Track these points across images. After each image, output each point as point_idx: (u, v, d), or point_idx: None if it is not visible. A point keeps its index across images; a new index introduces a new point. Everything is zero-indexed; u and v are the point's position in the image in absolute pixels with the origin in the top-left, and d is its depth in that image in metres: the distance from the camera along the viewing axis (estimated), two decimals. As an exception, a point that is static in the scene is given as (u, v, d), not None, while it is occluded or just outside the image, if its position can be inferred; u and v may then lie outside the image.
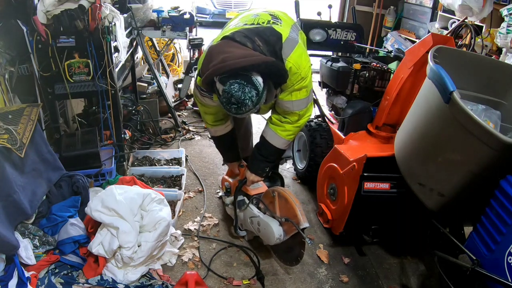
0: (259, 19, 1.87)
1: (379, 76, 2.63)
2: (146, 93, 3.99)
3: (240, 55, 1.59)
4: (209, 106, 2.00)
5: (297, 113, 1.92)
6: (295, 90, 1.83)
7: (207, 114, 2.08)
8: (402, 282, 2.17)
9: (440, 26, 4.33)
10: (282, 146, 2.04)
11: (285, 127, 1.97)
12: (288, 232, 1.98)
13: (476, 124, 1.50)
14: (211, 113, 2.06)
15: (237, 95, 1.55)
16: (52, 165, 2.26)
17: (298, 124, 1.97)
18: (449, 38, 2.23)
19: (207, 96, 1.91)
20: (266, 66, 1.61)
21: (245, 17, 1.94)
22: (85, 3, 2.30)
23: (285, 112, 1.93)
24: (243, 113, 1.65)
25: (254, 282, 2.08)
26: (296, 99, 1.86)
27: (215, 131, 2.17)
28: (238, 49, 1.66)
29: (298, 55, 1.79)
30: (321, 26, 2.90)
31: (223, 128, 2.14)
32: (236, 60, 1.56)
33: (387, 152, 2.13)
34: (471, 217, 1.84)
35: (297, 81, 1.80)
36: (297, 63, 1.77)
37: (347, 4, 5.38)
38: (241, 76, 1.56)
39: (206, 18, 8.75)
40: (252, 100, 1.58)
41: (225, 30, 1.92)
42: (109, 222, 1.94)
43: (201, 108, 2.09)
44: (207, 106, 2.01)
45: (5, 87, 2.28)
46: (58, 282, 1.92)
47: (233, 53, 1.61)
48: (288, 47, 1.78)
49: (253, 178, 2.13)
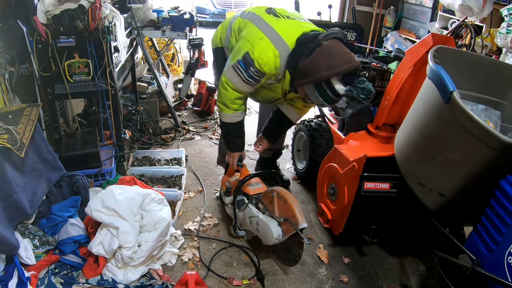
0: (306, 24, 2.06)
1: (379, 76, 2.63)
2: (146, 93, 3.99)
3: (353, 56, 1.81)
4: (243, 92, 2.07)
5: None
6: None
7: (237, 99, 2.10)
8: (402, 282, 2.17)
9: (440, 26, 4.33)
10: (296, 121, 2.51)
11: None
12: (287, 232, 1.98)
13: (476, 124, 1.50)
14: (241, 99, 2.11)
15: (369, 88, 1.76)
16: (52, 165, 2.26)
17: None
18: (449, 38, 2.23)
19: (250, 84, 1.99)
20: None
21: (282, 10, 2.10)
22: (85, 3, 2.30)
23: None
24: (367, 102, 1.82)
25: (254, 282, 2.08)
26: None
27: (235, 116, 2.17)
28: (347, 49, 1.83)
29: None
30: (321, 26, 2.89)
31: (241, 113, 2.19)
32: (356, 62, 1.78)
33: (387, 152, 2.13)
34: (471, 217, 1.84)
35: None
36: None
37: (347, 4, 5.38)
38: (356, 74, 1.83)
39: (206, 18, 8.76)
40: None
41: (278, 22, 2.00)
42: (109, 222, 1.94)
43: (231, 95, 2.07)
44: (241, 92, 2.06)
45: (5, 87, 2.28)
46: (58, 282, 1.92)
47: (348, 54, 1.80)
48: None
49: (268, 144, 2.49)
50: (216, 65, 2.41)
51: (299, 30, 1.95)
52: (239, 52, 1.98)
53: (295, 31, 1.94)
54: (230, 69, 2.02)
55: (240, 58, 1.96)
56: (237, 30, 2.17)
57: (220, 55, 2.34)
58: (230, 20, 2.28)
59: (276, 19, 2.01)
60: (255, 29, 2.00)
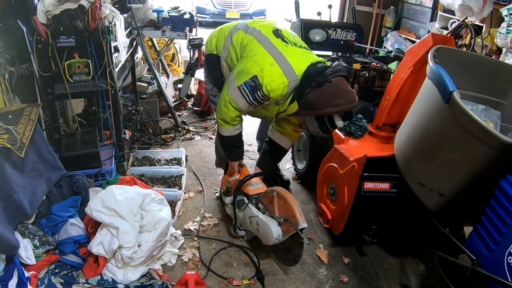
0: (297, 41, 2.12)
1: (379, 76, 2.63)
2: (146, 93, 3.99)
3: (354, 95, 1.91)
4: (244, 111, 2.12)
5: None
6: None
7: (238, 117, 2.14)
8: (402, 282, 2.17)
9: (440, 26, 4.33)
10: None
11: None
12: (287, 232, 1.98)
13: (476, 124, 1.50)
14: (240, 116, 2.17)
15: (366, 126, 2.00)
16: (52, 165, 2.26)
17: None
18: (449, 38, 2.23)
19: (254, 105, 2.03)
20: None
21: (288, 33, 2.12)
22: (85, 3, 2.30)
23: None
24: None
25: (254, 282, 2.08)
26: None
27: (235, 129, 2.20)
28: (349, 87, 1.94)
29: None
30: (321, 26, 2.91)
31: (240, 126, 2.23)
32: (355, 102, 1.89)
33: (387, 152, 2.13)
34: (471, 217, 1.84)
35: None
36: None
37: (347, 4, 5.39)
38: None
39: (206, 18, 8.75)
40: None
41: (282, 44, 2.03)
42: (109, 222, 1.94)
43: (234, 113, 2.10)
44: (242, 111, 2.11)
45: (5, 87, 2.28)
46: (58, 282, 1.92)
47: (351, 93, 1.90)
48: None
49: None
50: (209, 70, 2.37)
51: (307, 60, 1.97)
52: (246, 74, 1.95)
53: (303, 61, 1.96)
54: (236, 90, 1.99)
55: (248, 80, 1.94)
56: (239, 45, 2.11)
57: (215, 62, 2.28)
58: (230, 30, 2.21)
59: (285, 45, 2.00)
60: (263, 51, 1.98)
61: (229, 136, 2.22)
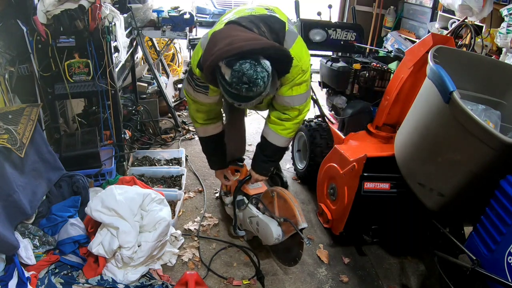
0: (255, 13, 1.80)
1: (379, 76, 2.63)
2: (146, 93, 3.99)
3: (249, 38, 1.53)
4: (202, 103, 1.93)
5: (297, 108, 1.89)
6: (296, 85, 1.80)
7: (199, 112, 1.99)
8: (402, 282, 2.17)
9: (440, 26, 4.33)
10: (284, 145, 2.02)
11: (285, 125, 1.94)
12: (287, 232, 1.98)
13: (476, 124, 1.50)
14: (203, 111, 1.99)
15: (249, 74, 1.47)
16: (52, 165, 2.26)
17: (297, 120, 1.94)
18: (449, 38, 2.23)
19: (202, 92, 1.86)
20: (275, 51, 1.55)
21: (240, 11, 1.84)
22: (85, 3, 2.30)
23: (284, 108, 1.90)
24: (252, 97, 1.54)
25: (254, 282, 2.08)
26: (296, 93, 1.83)
27: (204, 130, 2.06)
28: (244, 33, 1.60)
29: (300, 47, 1.77)
30: (321, 26, 2.90)
31: (214, 128, 2.06)
32: (246, 43, 1.49)
33: (387, 152, 2.13)
34: (471, 217, 1.84)
35: (298, 75, 1.76)
36: (298, 55, 1.72)
37: (347, 4, 5.39)
38: (251, 57, 1.49)
39: (206, 18, 8.73)
40: (264, 81, 1.50)
41: (221, 22, 1.83)
42: (109, 222, 1.94)
43: (193, 106, 1.99)
44: (200, 103, 1.94)
45: (5, 87, 2.28)
46: (58, 282, 1.92)
47: (240, 36, 1.54)
48: (290, 38, 1.74)
49: (258, 177, 2.11)
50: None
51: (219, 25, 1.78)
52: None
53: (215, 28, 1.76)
54: (185, 80, 1.95)
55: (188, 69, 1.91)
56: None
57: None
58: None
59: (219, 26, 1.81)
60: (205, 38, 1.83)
61: (201, 137, 2.12)
